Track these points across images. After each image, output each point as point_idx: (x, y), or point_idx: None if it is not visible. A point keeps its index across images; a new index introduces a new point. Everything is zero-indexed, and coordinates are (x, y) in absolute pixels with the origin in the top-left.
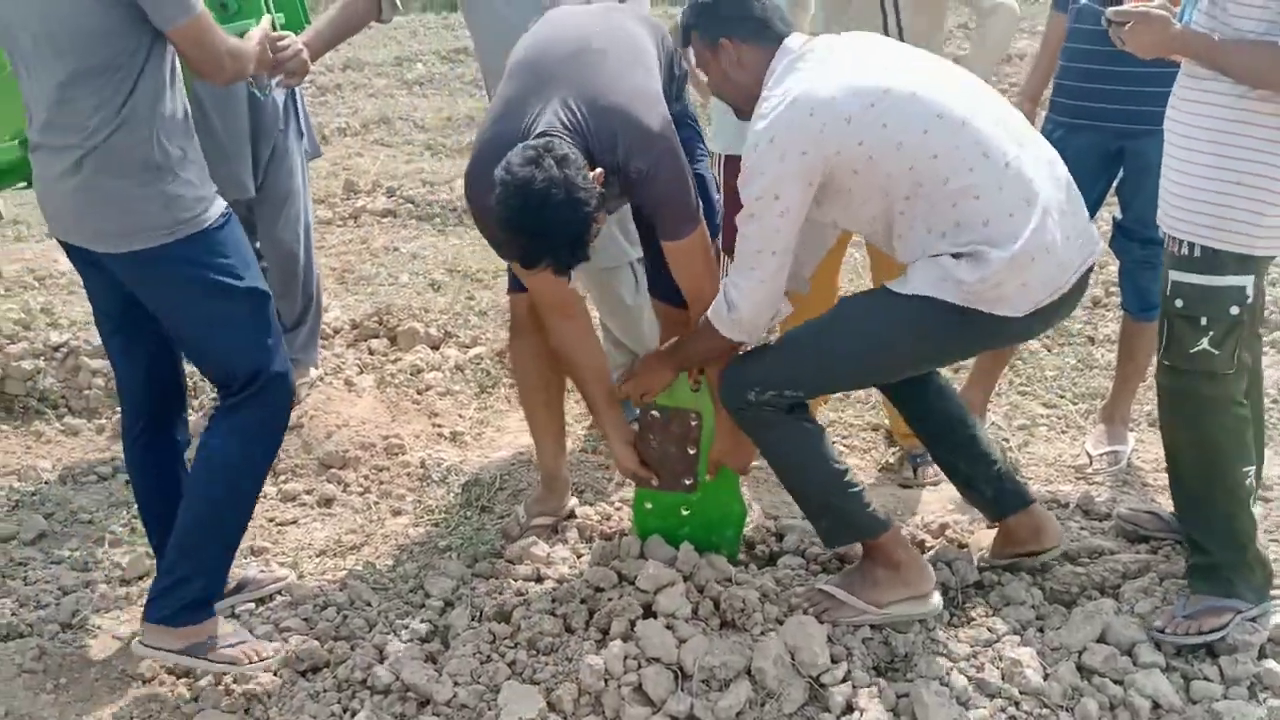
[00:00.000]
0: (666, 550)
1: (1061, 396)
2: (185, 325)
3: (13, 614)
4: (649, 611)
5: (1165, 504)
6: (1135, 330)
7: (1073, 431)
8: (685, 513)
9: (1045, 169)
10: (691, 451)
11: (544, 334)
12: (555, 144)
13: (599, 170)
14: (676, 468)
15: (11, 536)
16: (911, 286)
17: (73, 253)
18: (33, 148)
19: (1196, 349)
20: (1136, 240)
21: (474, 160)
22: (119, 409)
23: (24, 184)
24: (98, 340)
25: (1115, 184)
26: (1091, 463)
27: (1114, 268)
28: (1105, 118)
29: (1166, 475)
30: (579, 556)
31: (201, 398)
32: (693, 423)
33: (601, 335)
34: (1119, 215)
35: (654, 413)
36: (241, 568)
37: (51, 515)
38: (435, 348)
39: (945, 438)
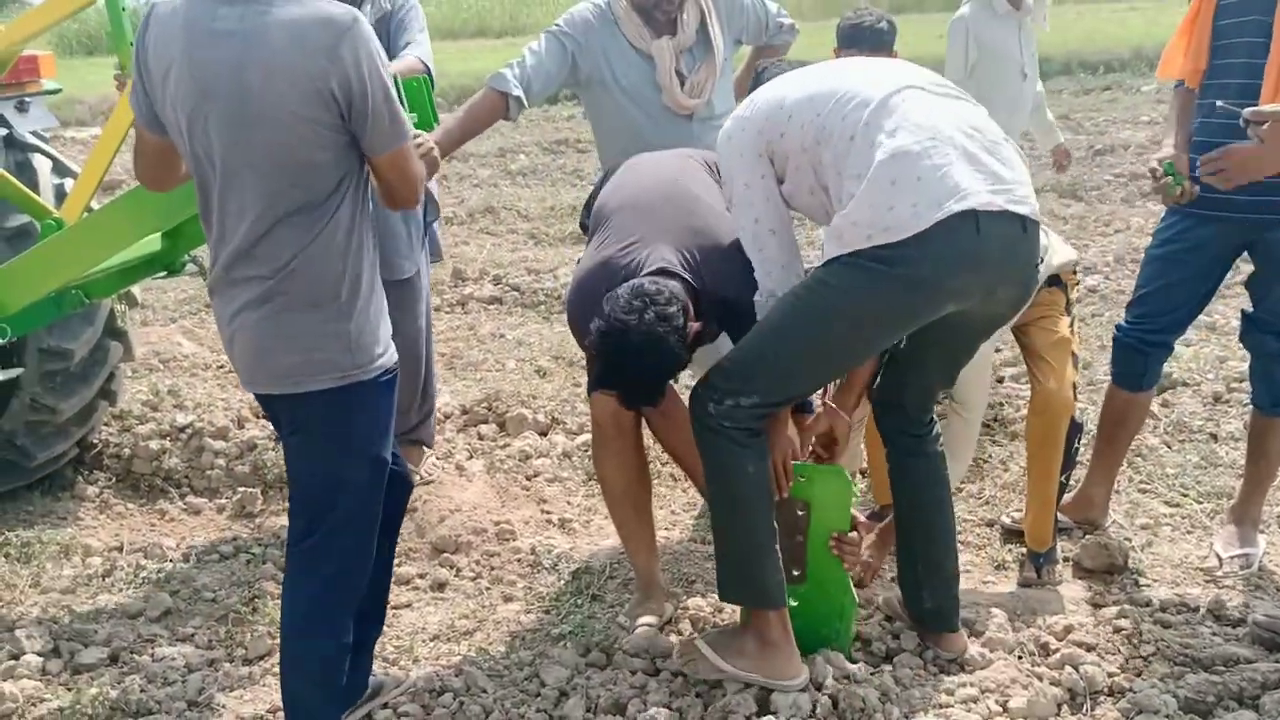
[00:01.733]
0: None
1: (1185, 495)
2: (306, 472)
3: (141, 690)
4: (765, 708)
5: None
6: (1266, 427)
7: (1198, 532)
8: (794, 604)
9: (914, 121)
10: (799, 540)
11: (628, 439)
12: (664, 294)
13: (697, 325)
14: (785, 558)
15: (139, 613)
16: (823, 259)
17: (265, 408)
18: (218, 283)
19: None
20: (1271, 333)
21: (578, 286)
22: (239, 488)
23: (162, 273)
24: (221, 421)
25: (1248, 278)
26: (1221, 565)
27: (1234, 364)
28: (1236, 209)
29: None
30: None
31: None
32: (799, 512)
33: None
34: (1249, 309)
35: None
36: (373, 674)
37: (176, 593)
38: (543, 434)
39: (921, 539)
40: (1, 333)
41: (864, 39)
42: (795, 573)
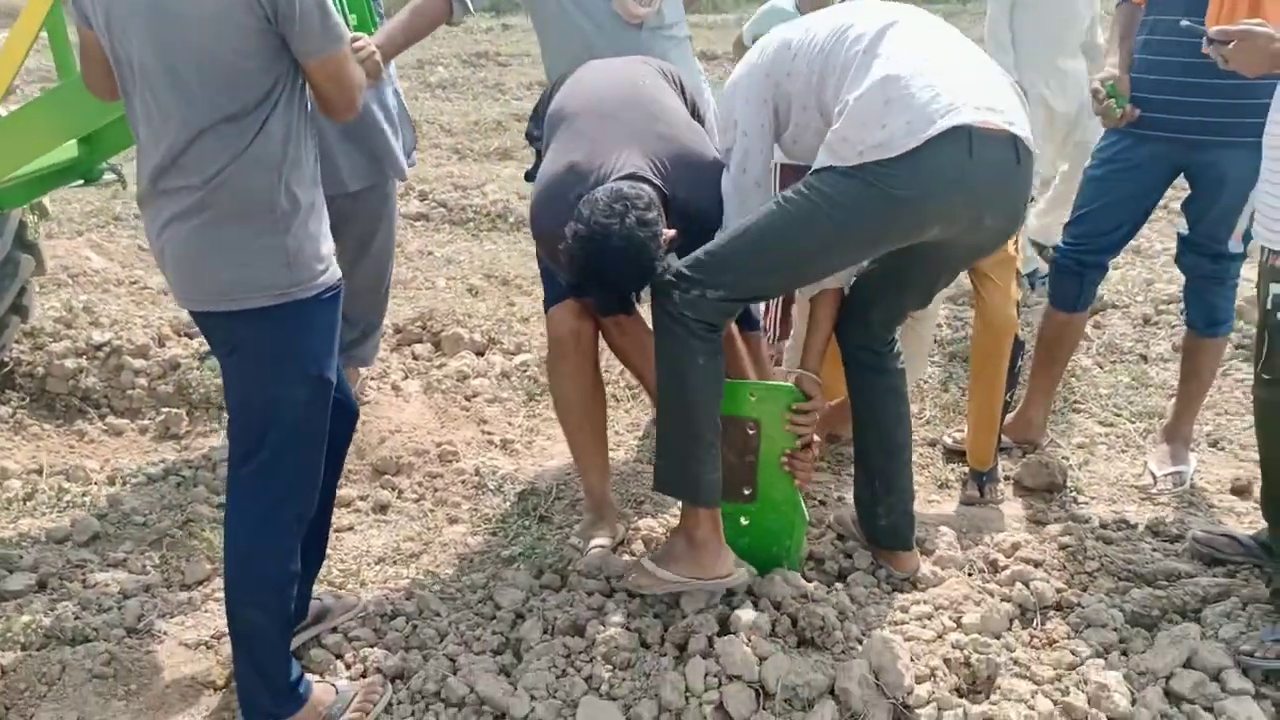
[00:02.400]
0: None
1: (1118, 415)
2: (243, 393)
3: (76, 617)
4: (725, 628)
5: (1234, 526)
6: (1200, 347)
7: (1132, 451)
8: (745, 523)
9: (911, 48)
10: (749, 460)
11: (586, 356)
12: (642, 199)
13: (672, 232)
14: (735, 477)
15: (65, 537)
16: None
17: (201, 327)
18: (146, 194)
19: None
20: (1207, 255)
21: (545, 190)
22: (162, 409)
23: (78, 182)
24: (141, 339)
25: (1184, 201)
26: (1156, 483)
27: (1160, 286)
28: (1177, 129)
29: (1233, 495)
30: None
31: None
32: (750, 431)
33: None
34: (1184, 230)
35: None
36: (317, 597)
37: (104, 517)
38: (480, 354)
39: (880, 454)
40: None
41: None
42: (746, 491)
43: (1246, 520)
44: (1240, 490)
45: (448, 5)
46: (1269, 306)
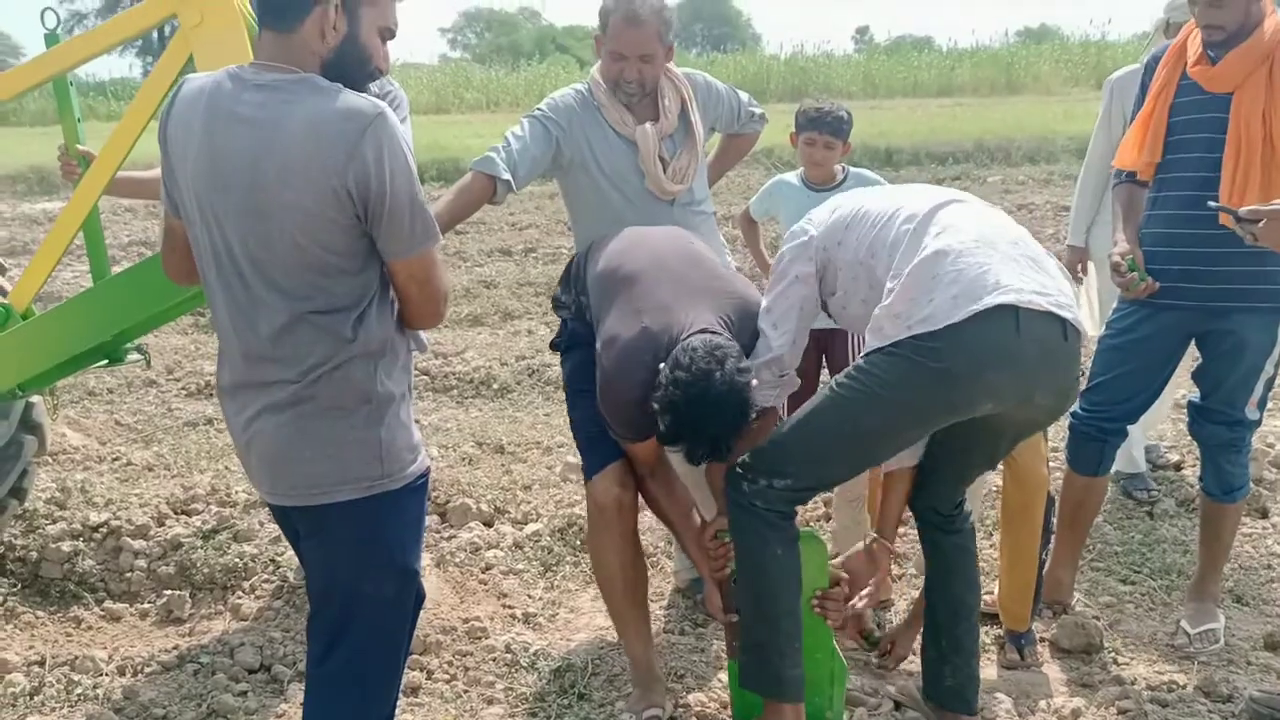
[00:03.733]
0: None
1: (1137, 572)
2: (327, 586)
3: None
4: None
5: (1276, 684)
6: (1218, 513)
7: (1160, 609)
8: None
9: (959, 227)
10: None
11: (628, 523)
12: (734, 347)
13: (755, 380)
14: None
15: None
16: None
17: (279, 518)
18: (233, 385)
19: None
20: (1224, 424)
21: (620, 354)
22: (164, 591)
23: (103, 362)
24: (139, 519)
25: (1194, 370)
26: (1191, 642)
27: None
28: (1196, 298)
29: (1267, 651)
30: None
31: None
32: None
33: None
34: (1196, 399)
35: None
36: None
37: (120, 710)
38: (489, 525)
39: (948, 614)
40: None
41: (824, 125)
42: None
43: None
44: (1274, 645)
45: (492, 184)
46: None
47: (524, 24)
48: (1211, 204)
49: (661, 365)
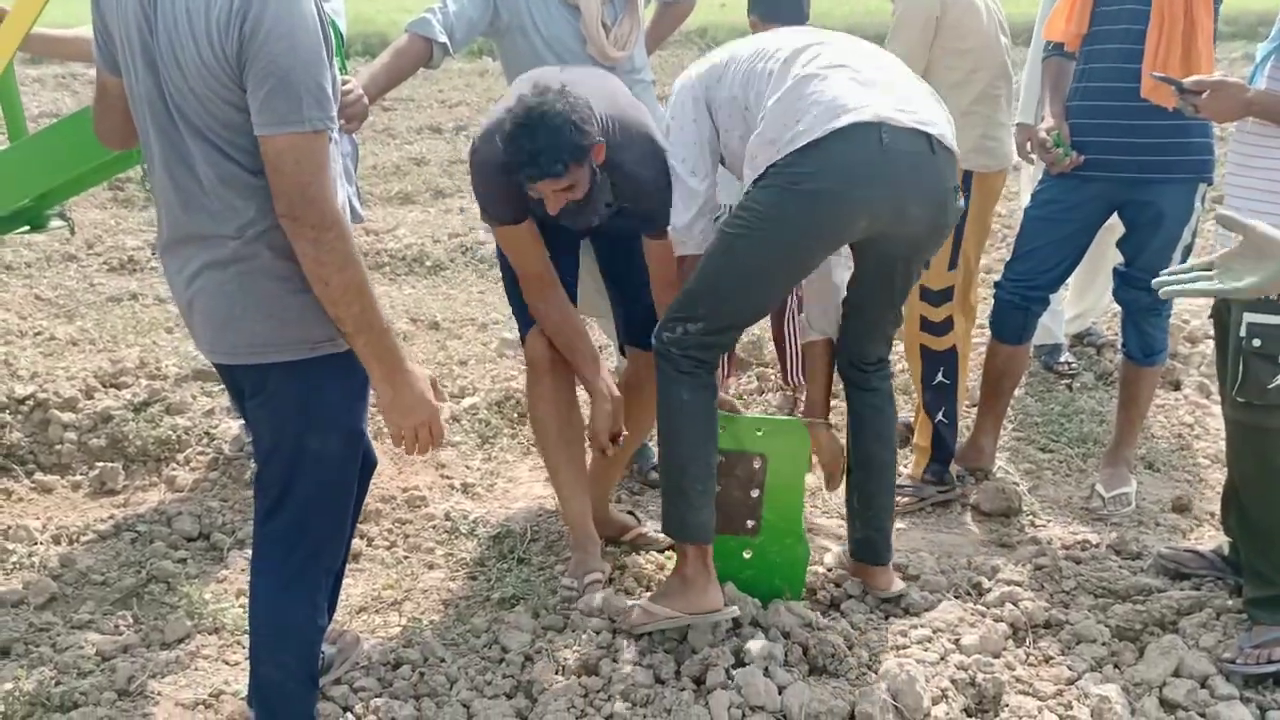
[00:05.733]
0: (743, 599)
1: (1056, 440)
2: (272, 445)
3: (57, 683)
4: (739, 659)
5: (1181, 542)
6: (1139, 376)
7: (1075, 475)
8: (748, 556)
9: (825, 57)
10: (755, 495)
11: (561, 378)
12: (579, 100)
13: (601, 143)
14: (739, 511)
15: (20, 600)
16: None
17: (224, 375)
18: (171, 241)
19: (1274, 384)
20: (1143, 289)
21: (487, 125)
22: (96, 463)
23: (24, 229)
24: (67, 391)
25: (1120, 238)
26: (1105, 505)
27: (1078, 320)
28: (1117, 169)
29: (1174, 513)
30: None
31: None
32: (755, 465)
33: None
34: (1121, 265)
35: (718, 456)
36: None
37: (59, 577)
38: None
39: (860, 469)
40: None
41: (782, 10)
42: (750, 524)
43: (1192, 536)
44: (1181, 508)
45: (428, 47)
46: (1242, 334)
47: None
48: (1155, 75)
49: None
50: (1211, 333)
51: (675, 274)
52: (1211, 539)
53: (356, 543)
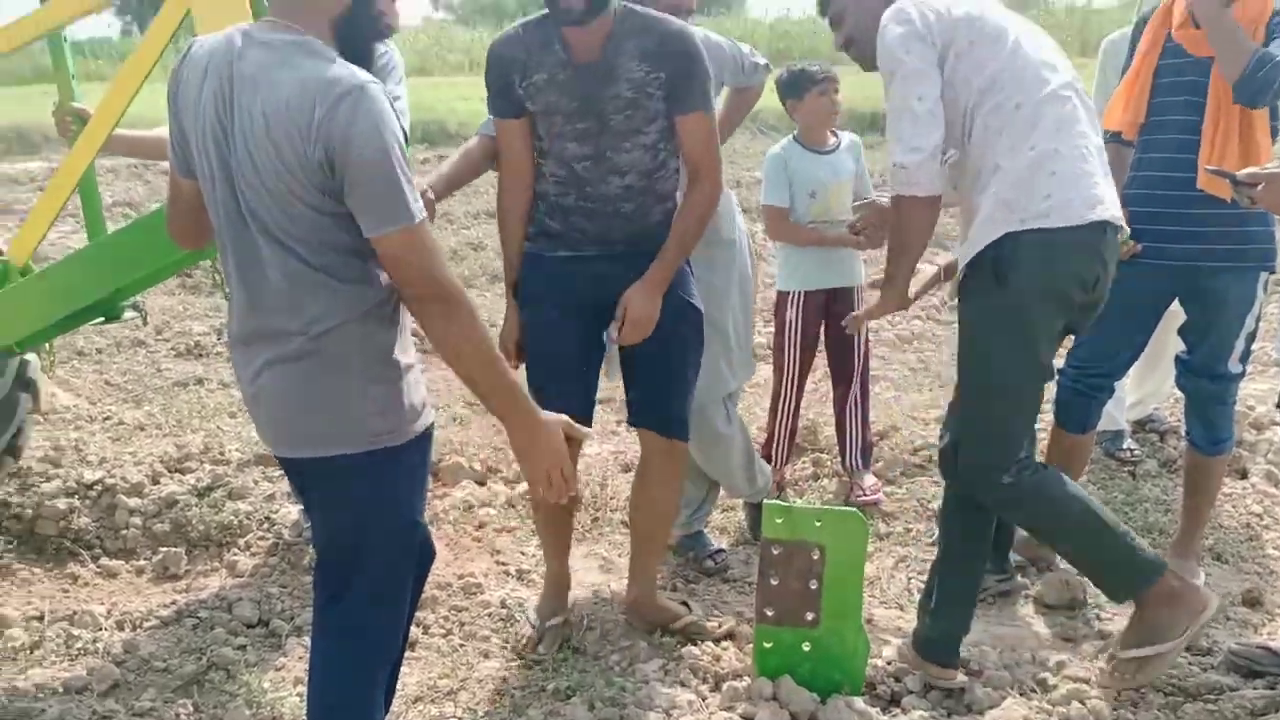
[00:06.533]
0: (801, 694)
1: None
2: (331, 538)
3: None
4: None
5: (1253, 637)
6: (1204, 465)
7: None
8: (807, 648)
9: (1079, 125)
10: (814, 586)
11: None
12: None
13: None
14: (798, 603)
15: (84, 688)
16: (977, 243)
17: (286, 469)
18: (240, 336)
19: None
20: (1205, 377)
21: None
22: (160, 548)
23: (100, 320)
24: (134, 477)
25: (1182, 325)
26: None
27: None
28: (1177, 257)
29: (1245, 607)
30: (704, 699)
31: None
32: (814, 556)
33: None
34: (1183, 353)
35: (775, 549)
36: None
37: (121, 664)
38: (482, 484)
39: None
40: None
41: (831, 78)
42: (809, 616)
43: (1264, 630)
44: (1252, 602)
45: (493, 155)
46: None
47: None
48: (1209, 168)
49: None
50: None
51: (706, 158)
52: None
53: (412, 631)
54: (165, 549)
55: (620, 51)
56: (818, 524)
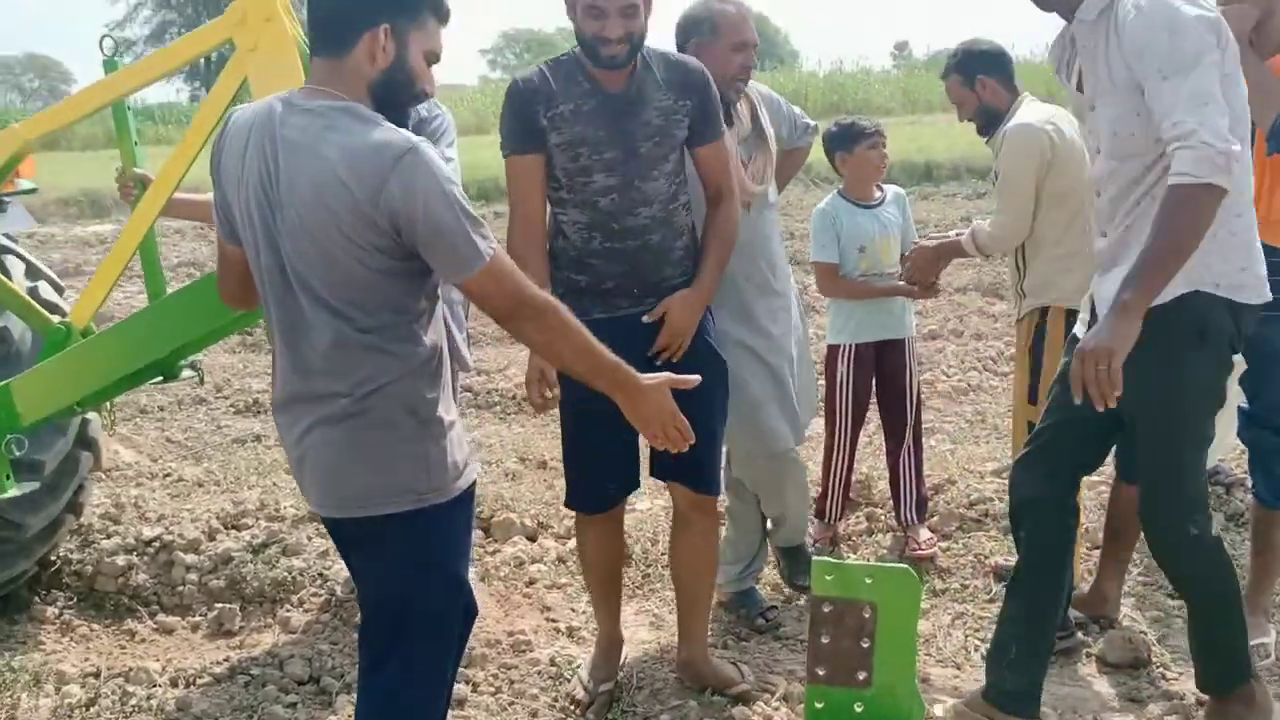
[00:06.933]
0: None
1: None
2: (378, 598)
3: None
4: None
5: None
6: (1269, 520)
7: None
8: (859, 709)
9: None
10: (865, 645)
11: (611, 519)
12: None
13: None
14: (850, 662)
15: None
16: (1170, 292)
17: (331, 530)
18: (285, 400)
19: None
20: (1268, 428)
21: None
22: (215, 605)
23: (158, 379)
24: (191, 534)
25: (1242, 375)
26: None
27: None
28: None
29: None
30: None
31: None
32: (865, 615)
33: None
34: (1244, 404)
35: (825, 606)
36: None
37: None
38: (533, 539)
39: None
40: (19, 445)
41: (877, 133)
42: (861, 676)
43: None
44: None
45: None
46: None
47: (562, 44)
48: None
49: None
50: None
51: (727, 180)
52: None
53: (461, 688)
54: (220, 605)
55: (646, 82)
56: (869, 580)
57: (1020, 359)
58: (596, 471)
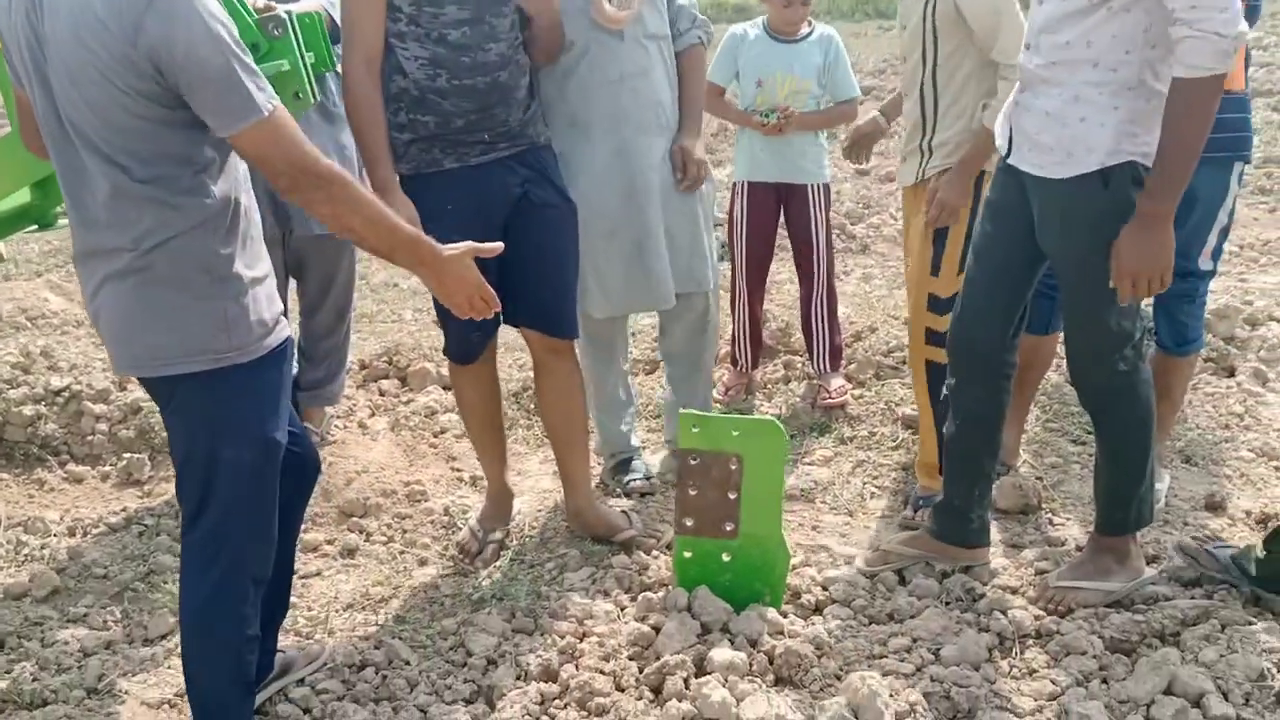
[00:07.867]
0: (715, 603)
1: (1089, 432)
2: (185, 455)
3: (34, 678)
4: (701, 668)
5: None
6: (1172, 366)
7: None
8: (726, 559)
9: None
10: (732, 496)
11: (482, 369)
12: None
13: None
14: (717, 513)
15: (23, 593)
16: (1101, 157)
17: (143, 385)
18: (79, 255)
19: None
20: (1177, 274)
21: None
22: (124, 455)
23: (33, 227)
24: (101, 384)
25: None
26: None
27: None
28: None
29: (1207, 511)
30: (622, 609)
31: None
32: (732, 467)
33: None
34: None
35: (692, 459)
36: (281, 649)
37: (64, 570)
38: (448, 388)
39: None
40: None
41: None
42: (728, 527)
43: (1222, 536)
44: (1214, 506)
45: None
46: None
47: None
48: None
49: None
50: (1278, 314)
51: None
52: (1242, 539)
53: (354, 538)
54: (129, 455)
55: None
56: (735, 434)
57: (922, 229)
58: (456, 319)
